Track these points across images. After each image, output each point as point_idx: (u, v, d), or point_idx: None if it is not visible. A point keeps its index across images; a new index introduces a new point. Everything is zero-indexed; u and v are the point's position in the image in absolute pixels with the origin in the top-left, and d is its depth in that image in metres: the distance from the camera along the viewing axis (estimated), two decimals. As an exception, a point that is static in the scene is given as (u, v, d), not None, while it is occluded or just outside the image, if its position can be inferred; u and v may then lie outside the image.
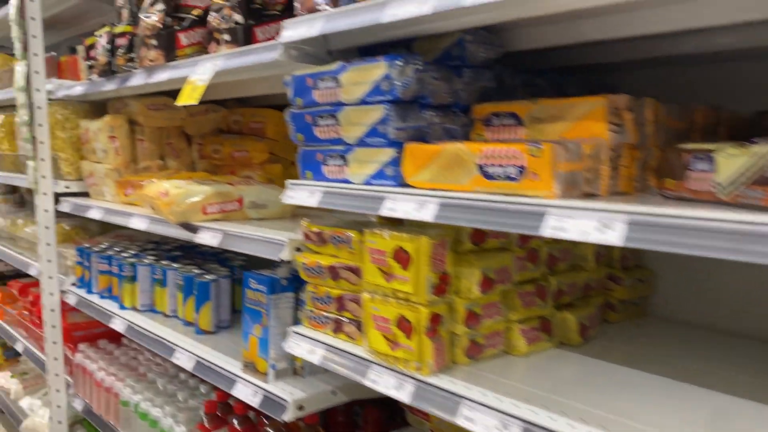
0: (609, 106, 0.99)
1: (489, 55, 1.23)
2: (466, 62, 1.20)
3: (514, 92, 1.29)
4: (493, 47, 1.23)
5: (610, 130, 0.99)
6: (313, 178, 1.29)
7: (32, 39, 2.23)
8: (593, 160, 0.95)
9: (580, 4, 0.95)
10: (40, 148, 2.26)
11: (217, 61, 1.44)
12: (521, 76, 1.31)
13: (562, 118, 1.04)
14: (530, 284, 1.21)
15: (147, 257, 2.11)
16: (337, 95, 1.19)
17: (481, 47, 1.21)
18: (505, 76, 1.27)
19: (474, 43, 1.19)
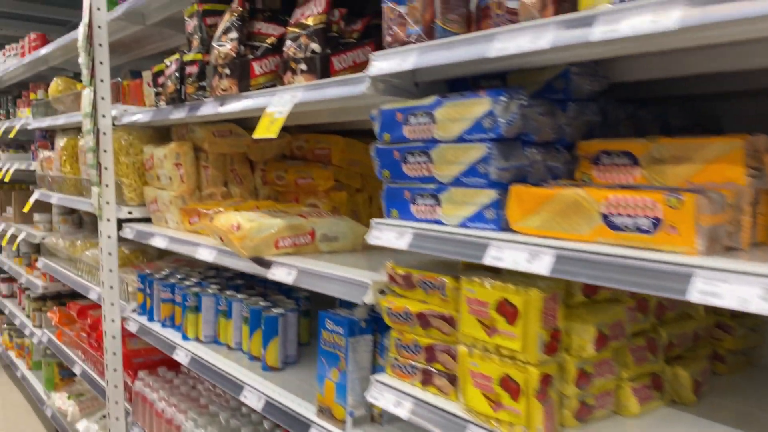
0: (748, 148, 0.89)
1: (594, 87, 1.14)
2: (571, 95, 1.11)
3: (617, 126, 1.20)
4: (598, 79, 1.14)
5: (748, 174, 0.88)
6: (400, 216, 1.22)
7: (99, 65, 2.23)
8: (734, 210, 0.85)
9: (718, 38, 0.85)
10: (105, 175, 2.25)
11: (297, 93, 1.38)
12: (624, 108, 1.21)
13: (689, 159, 0.94)
14: (641, 337, 1.10)
15: (210, 286, 2.06)
16: (430, 131, 1.12)
17: (587, 79, 1.12)
18: (609, 108, 1.18)
19: (580, 75, 1.11)
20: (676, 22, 0.73)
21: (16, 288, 4.32)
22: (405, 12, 1.16)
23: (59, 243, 3.30)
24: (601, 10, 0.83)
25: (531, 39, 0.90)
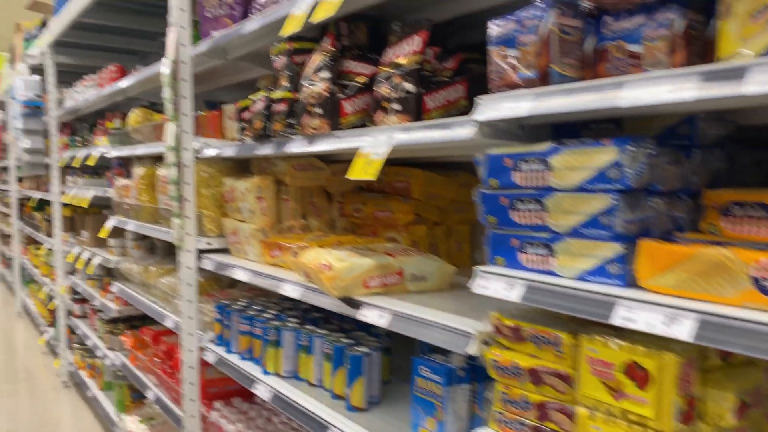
0: None
1: (721, 132, 1.07)
2: (696, 141, 1.05)
3: (742, 172, 1.13)
4: (725, 123, 1.07)
5: None
6: (506, 265, 1.17)
7: (182, 99, 2.27)
8: None
9: None
10: (187, 206, 2.29)
11: (395, 134, 1.36)
12: (750, 152, 1.14)
13: (843, 216, 0.87)
14: (777, 403, 1.02)
15: (289, 320, 2.06)
16: (545, 179, 1.07)
17: (714, 125, 1.06)
18: (734, 154, 1.11)
19: (706, 121, 1.05)
20: None
21: (88, 309, 4.45)
22: (516, 55, 1.12)
23: (132, 268, 3.38)
24: (753, 62, 0.78)
25: (670, 90, 0.85)
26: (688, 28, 0.96)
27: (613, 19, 1.05)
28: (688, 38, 0.96)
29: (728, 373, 0.96)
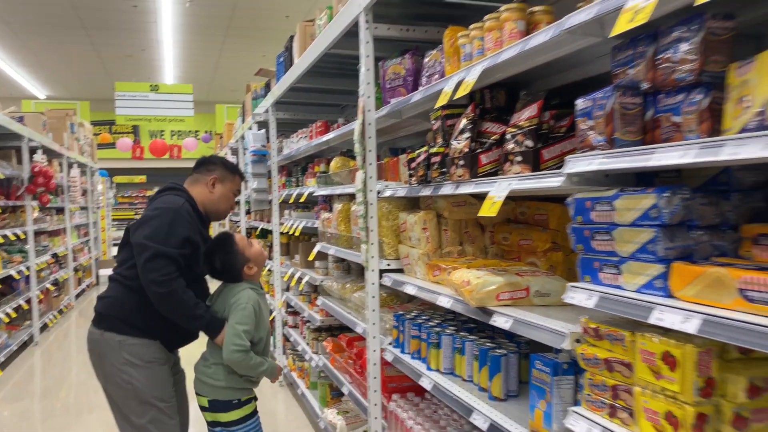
0: None
1: (758, 178, 1.35)
2: (733, 187, 1.35)
3: (788, 208, 1.38)
4: (762, 171, 1.35)
5: None
6: (591, 281, 1.55)
7: (368, 153, 2.91)
8: None
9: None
10: (371, 235, 2.90)
11: (511, 182, 1.80)
12: (796, 192, 1.39)
13: (830, 244, 1.13)
14: (807, 394, 1.26)
15: (448, 328, 2.54)
16: (611, 217, 1.44)
17: (750, 173, 1.34)
18: (777, 194, 1.37)
19: (743, 170, 1.34)
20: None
21: (299, 320, 5.35)
22: (592, 124, 1.51)
23: (333, 285, 4.12)
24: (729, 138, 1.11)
25: (680, 155, 1.20)
26: (712, 103, 1.28)
27: (664, 96, 1.40)
28: (711, 111, 1.28)
29: (745, 363, 1.24)
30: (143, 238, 2.50)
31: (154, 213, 2.58)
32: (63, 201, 9.73)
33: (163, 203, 2.64)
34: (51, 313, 8.61)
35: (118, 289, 2.63)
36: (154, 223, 2.54)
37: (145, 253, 2.46)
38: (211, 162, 2.95)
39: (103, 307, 2.66)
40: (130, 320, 2.60)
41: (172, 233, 2.52)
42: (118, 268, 2.69)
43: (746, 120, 1.11)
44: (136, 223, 2.64)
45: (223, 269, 2.70)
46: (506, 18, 1.90)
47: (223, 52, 13.02)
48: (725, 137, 1.12)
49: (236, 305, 2.60)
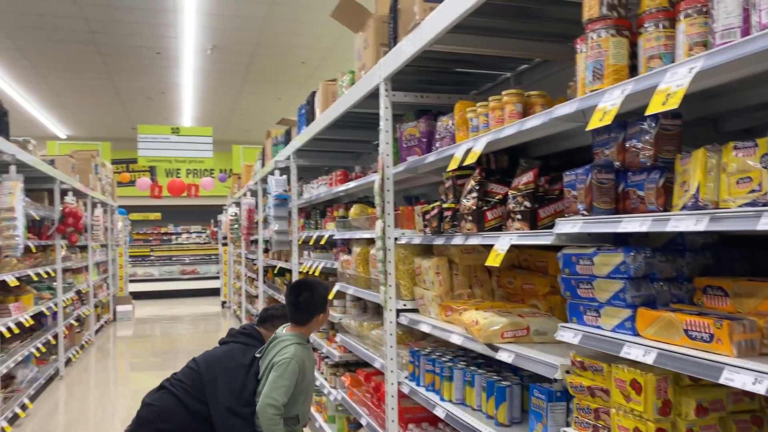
0: (786, 291, 1.40)
1: (707, 240, 1.70)
2: (687, 247, 1.70)
3: (732, 264, 1.72)
4: (710, 236, 1.70)
5: (788, 308, 1.39)
6: (577, 323, 1.88)
7: (387, 204, 3.28)
8: (770, 330, 1.37)
9: None
10: (389, 278, 3.25)
11: (512, 238, 2.15)
12: (739, 251, 1.73)
13: (755, 295, 1.47)
14: (746, 414, 1.59)
15: (460, 363, 2.86)
16: (591, 270, 1.79)
17: (699, 236, 1.69)
18: (723, 253, 1.72)
19: (694, 234, 1.69)
20: None
21: (317, 356, 5.65)
22: (576, 194, 1.87)
23: (351, 323, 4.45)
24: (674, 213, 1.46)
25: (638, 224, 1.55)
26: (666, 183, 1.64)
27: (632, 174, 1.76)
28: (665, 189, 1.64)
29: (695, 389, 1.56)
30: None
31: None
32: (87, 239, 10.15)
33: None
34: (74, 348, 8.94)
35: (170, 401, 2.95)
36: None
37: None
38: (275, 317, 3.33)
39: (148, 414, 2.96)
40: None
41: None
42: (179, 383, 3.03)
43: (685, 200, 1.47)
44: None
45: (302, 306, 3.02)
46: (507, 101, 2.29)
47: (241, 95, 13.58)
48: (670, 213, 1.47)
49: (282, 360, 2.89)
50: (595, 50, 1.75)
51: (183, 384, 3.03)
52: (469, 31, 2.67)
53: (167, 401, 2.99)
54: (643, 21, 1.68)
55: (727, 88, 1.66)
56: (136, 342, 11.09)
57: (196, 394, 2.96)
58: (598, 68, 1.74)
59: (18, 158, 5.97)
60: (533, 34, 2.75)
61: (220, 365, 3.02)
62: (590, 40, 1.77)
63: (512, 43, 2.77)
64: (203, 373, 3.01)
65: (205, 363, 3.07)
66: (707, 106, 1.89)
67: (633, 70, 1.75)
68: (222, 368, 3.01)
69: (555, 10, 2.47)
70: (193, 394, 2.96)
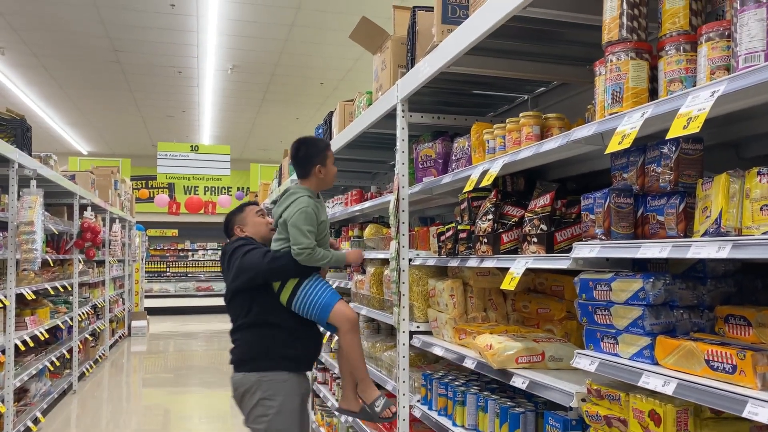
0: (813, 322, 1.35)
1: (728, 267, 1.65)
2: (708, 274, 1.65)
3: (755, 293, 1.67)
4: (732, 262, 1.65)
5: (815, 339, 1.35)
6: (594, 349, 1.84)
7: (402, 224, 3.26)
8: (796, 363, 1.32)
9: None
10: (403, 299, 3.22)
11: (528, 261, 2.12)
12: (763, 279, 1.69)
13: (779, 326, 1.43)
14: (771, 450, 1.53)
15: (473, 387, 2.81)
16: (609, 296, 1.75)
17: (721, 264, 1.65)
18: (746, 281, 1.67)
19: (715, 261, 1.64)
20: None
21: (328, 376, 5.60)
22: (593, 218, 1.84)
23: (364, 344, 4.40)
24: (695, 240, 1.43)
25: (658, 249, 1.51)
26: (686, 208, 1.60)
27: (651, 199, 1.72)
28: (686, 214, 1.60)
29: (716, 422, 1.51)
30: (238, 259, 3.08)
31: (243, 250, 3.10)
32: (104, 254, 10.24)
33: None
34: (87, 362, 8.96)
35: (246, 335, 3.11)
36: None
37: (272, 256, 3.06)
38: (229, 225, 3.44)
39: (238, 353, 3.12)
40: (265, 355, 3.04)
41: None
42: (236, 321, 3.18)
43: (707, 226, 1.43)
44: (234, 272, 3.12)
45: (301, 161, 3.17)
46: (524, 123, 2.27)
47: (260, 115, 13.72)
48: (691, 239, 1.44)
49: (293, 217, 2.99)
50: (614, 73, 1.73)
51: (238, 317, 3.15)
52: (487, 53, 2.66)
53: (242, 337, 3.12)
54: (663, 44, 1.66)
55: (749, 112, 1.63)
56: (150, 358, 11.11)
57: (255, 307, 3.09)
58: (618, 91, 1.71)
59: (39, 173, 6.06)
60: (551, 56, 2.74)
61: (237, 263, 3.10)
62: (609, 62, 1.75)
63: (530, 65, 2.77)
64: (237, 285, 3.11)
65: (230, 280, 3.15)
66: (729, 131, 1.86)
67: (653, 93, 1.72)
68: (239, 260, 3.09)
69: (573, 33, 2.46)
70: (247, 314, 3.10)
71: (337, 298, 3.11)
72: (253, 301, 3.10)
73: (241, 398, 3.07)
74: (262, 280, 3.06)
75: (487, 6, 2.23)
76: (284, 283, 3.07)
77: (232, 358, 3.17)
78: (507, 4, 2.08)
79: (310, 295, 3.07)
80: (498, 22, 2.17)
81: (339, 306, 3.09)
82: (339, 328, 3.13)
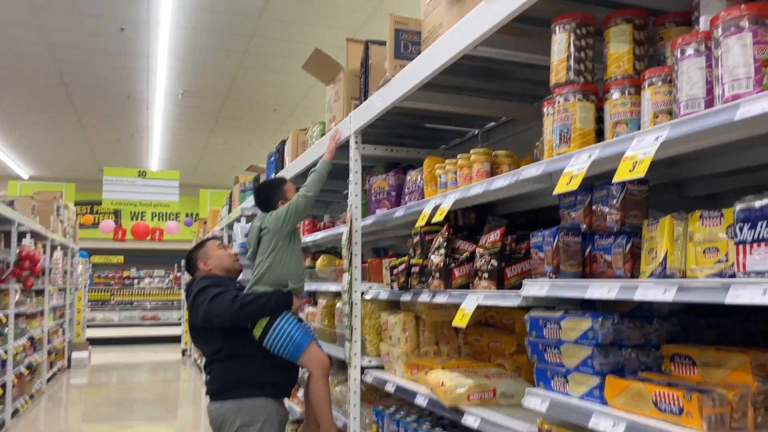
0: (752, 362, 1.38)
1: (674, 306, 1.68)
2: (654, 313, 1.68)
3: (699, 331, 1.71)
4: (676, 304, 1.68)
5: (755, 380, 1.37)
6: (544, 388, 1.83)
7: (354, 257, 3.22)
8: (739, 403, 1.34)
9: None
10: (355, 333, 3.17)
11: (479, 298, 2.12)
12: (706, 318, 1.72)
13: (722, 365, 1.45)
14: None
15: (425, 423, 2.77)
16: (559, 335, 1.75)
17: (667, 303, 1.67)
18: (690, 320, 1.70)
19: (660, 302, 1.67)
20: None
21: (278, 410, 5.46)
22: (543, 256, 1.85)
23: (315, 377, 4.31)
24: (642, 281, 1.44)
25: (606, 290, 1.53)
26: (633, 248, 1.63)
27: (598, 238, 1.75)
28: (632, 254, 1.63)
29: (665, 463, 1.52)
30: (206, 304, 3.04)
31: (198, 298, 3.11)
32: (43, 283, 9.80)
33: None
34: (23, 397, 8.49)
35: (221, 366, 3.12)
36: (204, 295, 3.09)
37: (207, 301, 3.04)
38: (191, 262, 3.47)
39: (216, 384, 3.13)
40: (243, 382, 3.06)
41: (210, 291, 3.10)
42: (210, 354, 3.20)
43: (653, 268, 1.46)
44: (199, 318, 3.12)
45: (266, 204, 3.42)
46: (475, 160, 2.29)
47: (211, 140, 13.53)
48: (638, 281, 1.46)
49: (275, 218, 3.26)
50: (562, 114, 1.76)
51: (210, 346, 3.19)
52: (438, 89, 2.69)
53: (218, 368, 3.14)
54: (609, 87, 1.70)
55: (691, 155, 1.68)
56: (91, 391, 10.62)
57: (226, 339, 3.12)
58: (565, 132, 1.74)
59: (-26, 199, 5.77)
60: (501, 93, 2.79)
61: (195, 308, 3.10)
62: (557, 103, 1.78)
63: (480, 102, 2.81)
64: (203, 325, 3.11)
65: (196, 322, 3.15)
66: (672, 172, 1.92)
67: (599, 134, 1.76)
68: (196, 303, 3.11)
69: (522, 72, 2.51)
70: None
71: (309, 339, 3.15)
72: (226, 335, 3.12)
73: (219, 428, 3.07)
74: (231, 325, 3.07)
75: (438, 44, 2.26)
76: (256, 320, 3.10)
77: (209, 389, 3.17)
78: (458, 43, 2.11)
79: (282, 333, 3.08)
80: (449, 60, 2.20)
81: (312, 349, 3.13)
82: (311, 372, 3.17)
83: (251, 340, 3.10)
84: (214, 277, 3.25)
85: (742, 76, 1.25)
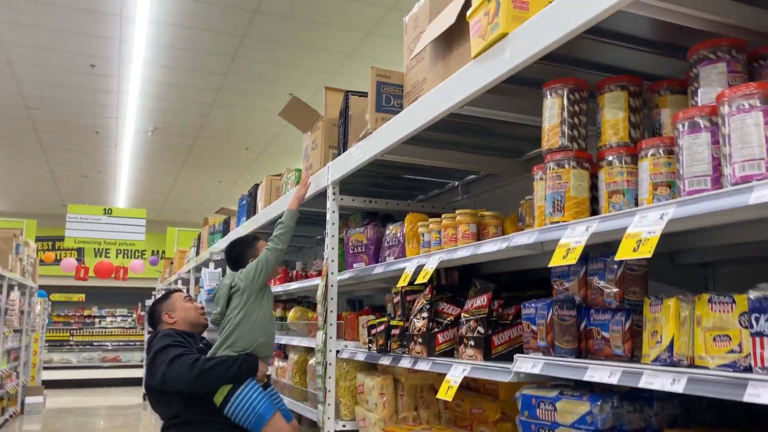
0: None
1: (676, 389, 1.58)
2: (654, 395, 1.58)
3: (700, 413, 1.61)
4: (677, 382, 1.59)
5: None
6: (538, 472, 1.71)
7: (329, 313, 3.08)
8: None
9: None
10: (328, 396, 3.00)
11: (465, 369, 2.00)
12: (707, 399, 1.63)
13: (733, 459, 1.35)
14: None
15: (403, 495, 2.60)
16: (554, 417, 1.64)
17: (667, 384, 1.58)
18: (691, 401, 1.61)
19: (660, 381, 1.57)
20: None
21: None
22: (535, 330, 1.75)
23: (284, 435, 4.09)
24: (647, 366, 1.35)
25: (608, 374, 1.42)
26: (632, 326, 1.54)
27: (595, 312, 1.65)
28: (632, 333, 1.53)
29: None
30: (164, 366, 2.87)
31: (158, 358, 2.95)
32: (-2, 325, 9.34)
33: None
34: (-31, 448, 7.97)
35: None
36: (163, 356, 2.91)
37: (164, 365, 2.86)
38: (155, 314, 3.30)
39: None
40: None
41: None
42: (167, 420, 3.02)
43: (658, 352, 1.36)
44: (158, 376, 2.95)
45: (236, 261, 3.36)
46: (460, 221, 2.20)
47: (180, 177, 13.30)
48: (643, 366, 1.36)
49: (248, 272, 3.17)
50: (555, 180, 1.69)
51: (167, 411, 3.02)
52: (421, 142, 2.62)
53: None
54: (604, 154, 1.64)
55: (689, 227, 1.61)
56: (43, 440, 10.06)
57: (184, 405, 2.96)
58: (559, 200, 1.66)
59: (-75, 240, 5.47)
60: (484, 148, 2.73)
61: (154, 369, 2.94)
62: (550, 169, 1.71)
63: (463, 156, 2.74)
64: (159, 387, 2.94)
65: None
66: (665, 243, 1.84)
67: (593, 201, 1.69)
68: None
69: (507, 128, 2.45)
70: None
71: (273, 410, 2.98)
72: (184, 399, 2.93)
73: None
74: (188, 391, 2.89)
75: (424, 101, 2.19)
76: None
77: None
78: (444, 102, 2.03)
79: (245, 402, 2.90)
80: (435, 118, 2.12)
81: (276, 421, 2.95)
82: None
83: (211, 406, 2.91)
84: (176, 335, 3.06)
85: (755, 156, 1.18)
